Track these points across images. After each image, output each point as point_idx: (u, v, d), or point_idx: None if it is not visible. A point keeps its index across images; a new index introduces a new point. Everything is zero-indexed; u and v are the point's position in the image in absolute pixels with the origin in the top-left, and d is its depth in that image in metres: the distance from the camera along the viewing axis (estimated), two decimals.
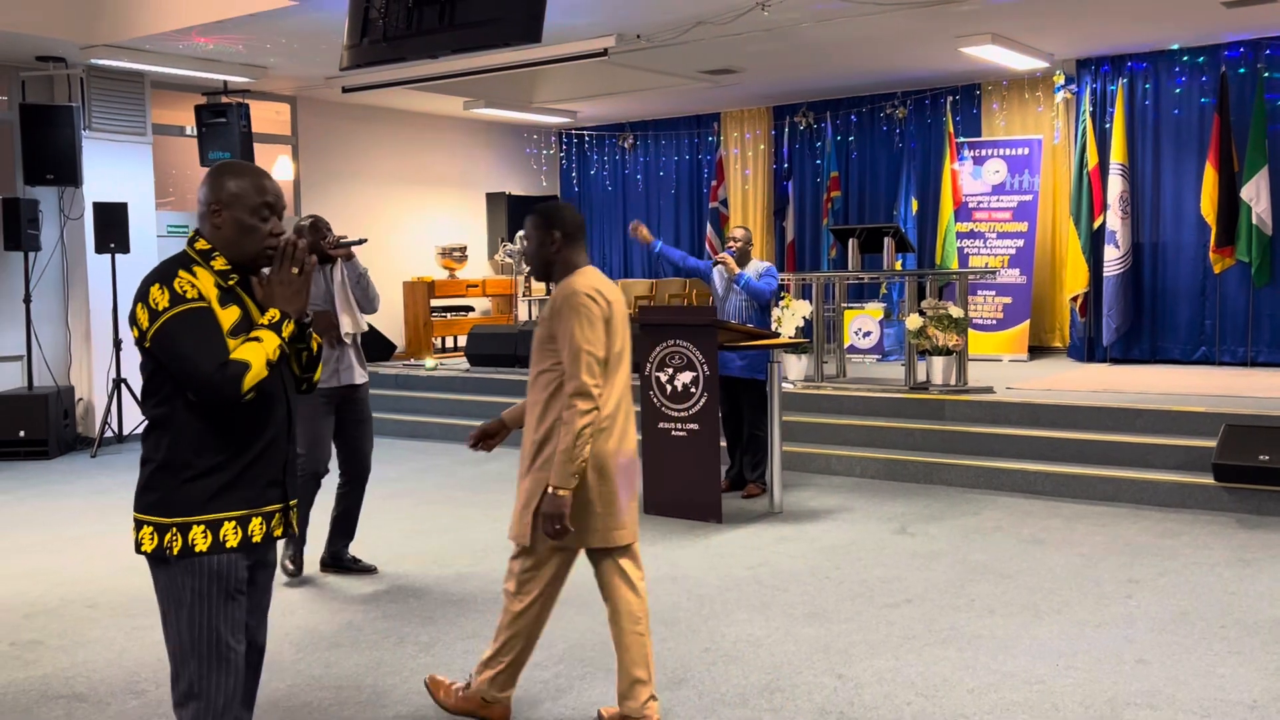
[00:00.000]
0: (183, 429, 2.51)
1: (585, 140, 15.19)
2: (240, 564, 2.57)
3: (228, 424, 2.52)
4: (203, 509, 2.51)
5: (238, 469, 2.54)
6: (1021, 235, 11.43)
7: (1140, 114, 10.82)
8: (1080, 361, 10.91)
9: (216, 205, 2.60)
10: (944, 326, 8.37)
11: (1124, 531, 6.28)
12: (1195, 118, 10.56)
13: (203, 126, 10.85)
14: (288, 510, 2.69)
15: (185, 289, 2.49)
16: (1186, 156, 10.61)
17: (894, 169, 12.53)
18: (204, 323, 2.48)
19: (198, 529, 2.50)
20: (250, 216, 2.59)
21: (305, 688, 4.17)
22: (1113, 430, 7.60)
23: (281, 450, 2.63)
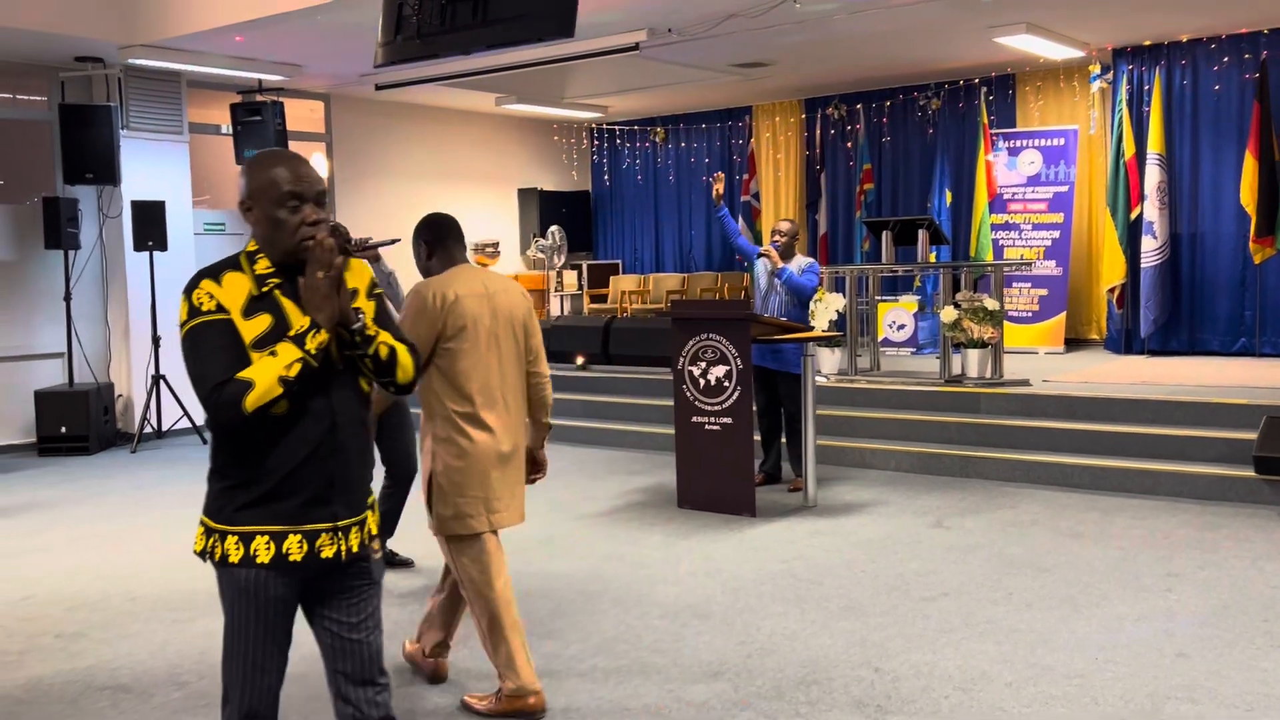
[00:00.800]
0: (223, 438, 2.44)
1: (616, 135, 15.20)
2: (275, 581, 2.44)
3: (256, 438, 2.40)
4: (235, 520, 2.42)
5: (270, 484, 2.41)
6: (1057, 227, 11.33)
7: (1178, 103, 10.69)
8: (1117, 354, 10.81)
9: (248, 202, 2.46)
10: (979, 319, 8.32)
11: (1163, 525, 6.22)
12: (1234, 106, 10.42)
13: (238, 125, 10.95)
14: (340, 531, 2.49)
15: (202, 300, 2.38)
16: (1226, 145, 10.48)
17: (928, 161, 12.45)
18: (211, 339, 2.35)
19: (231, 540, 2.42)
20: (277, 209, 2.42)
21: None
22: (1151, 423, 7.53)
23: (326, 467, 2.44)
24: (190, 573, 5.77)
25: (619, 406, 9.80)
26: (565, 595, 5.22)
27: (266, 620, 2.46)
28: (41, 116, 10.40)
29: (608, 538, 6.28)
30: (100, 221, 10.46)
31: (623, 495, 7.41)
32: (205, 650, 4.56)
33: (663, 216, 15.15)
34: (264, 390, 2.31)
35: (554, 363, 11.06)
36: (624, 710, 3.83)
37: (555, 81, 11.94)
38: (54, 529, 6.90)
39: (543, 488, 7.74)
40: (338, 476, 2.47)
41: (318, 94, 12.33)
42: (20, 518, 7.26)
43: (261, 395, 2.31)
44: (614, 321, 11.03)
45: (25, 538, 6.69)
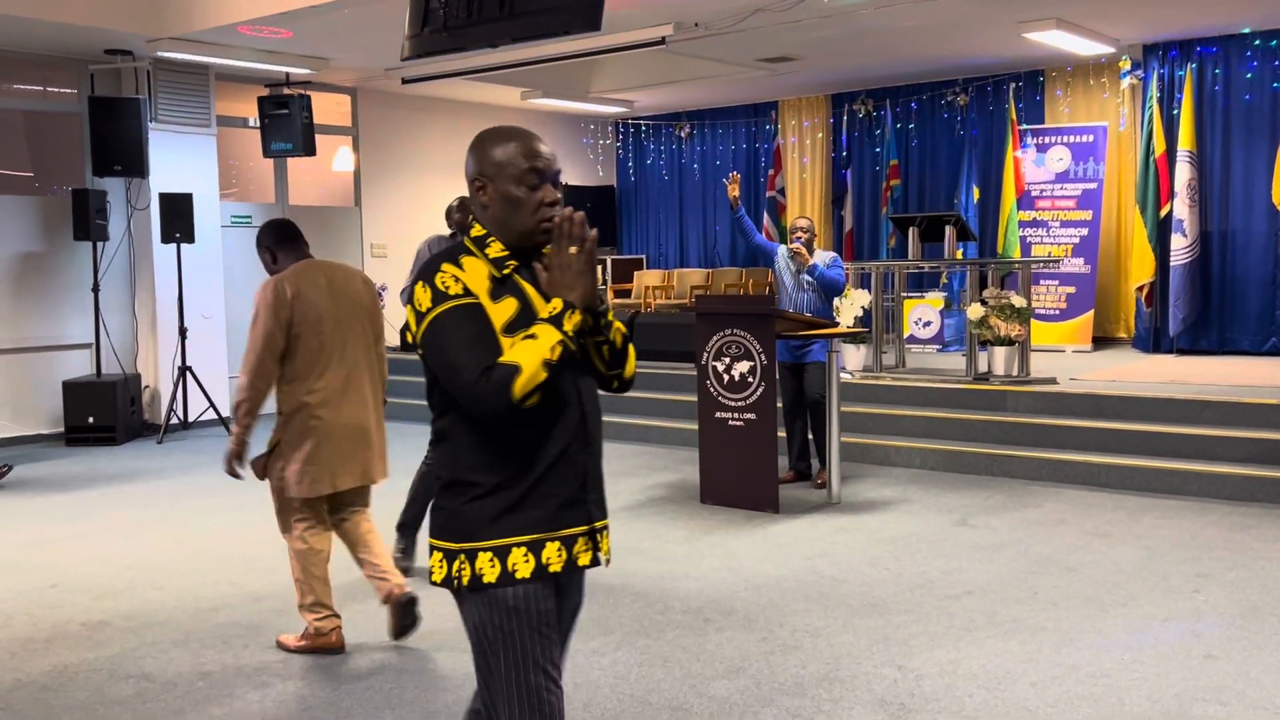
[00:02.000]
0: (462, 443, 2.19)
1: (642, 130, 15.18)
2: (541, 595, 2.20)
3: (508, 436, 2.16)
4: (487, 533, 2.16)
5: (524, 488, 2.17)
6: (1086, 224, 11.24)
7: (1209, 100, 10.58)
8: (1146, 352, 10.72)
9: (481, 180, 2.25)
10: (1006, 316, 8.26)
11: (1191, 525, 6.16)
12: (1267, 103, 10.31)
13: (265, 118, 11.00)
14: (595, 534, 2.28)
15: (448, 284, 2.15)
16: (1257, 143, 10.36)
17: (955, 157, 12.38)
18: (468, 322, 2.12)
19: (484, 556, 2.16)
20: (515, 186, 2.22)
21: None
22: (1179, 422, 7.46)
23: (578, 464, 2.23)
24: (214, 562, 5.81)
25: (642, 402, 9.79)
26: (587, 590, 5.21)
27: (543, 639, 2.20)
28: (71, 109, 10.48)
29: (630, 532, 6.27)
30: (128, 214, 10.54)
31: (645, 490, 7.40)
32: (229, 639, 4.59)
33: (687, 212, 15.12)
34: (530, 374, 2.07)
35: None
36: (645, 704, 3.82)
37: (581, 76, 11.94)
38: (81, 519, 6.96)
39: None
40: (590, 473, 2.26)
41: (345, 88, 12.37)
42: (48, 507, 7.33)
43: (529, 380, 2.07)
44: (638, 316, 11.00)
45: (53, 527, 6.75)
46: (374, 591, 4.81)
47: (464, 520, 2.17)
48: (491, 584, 2.16)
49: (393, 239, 12.99)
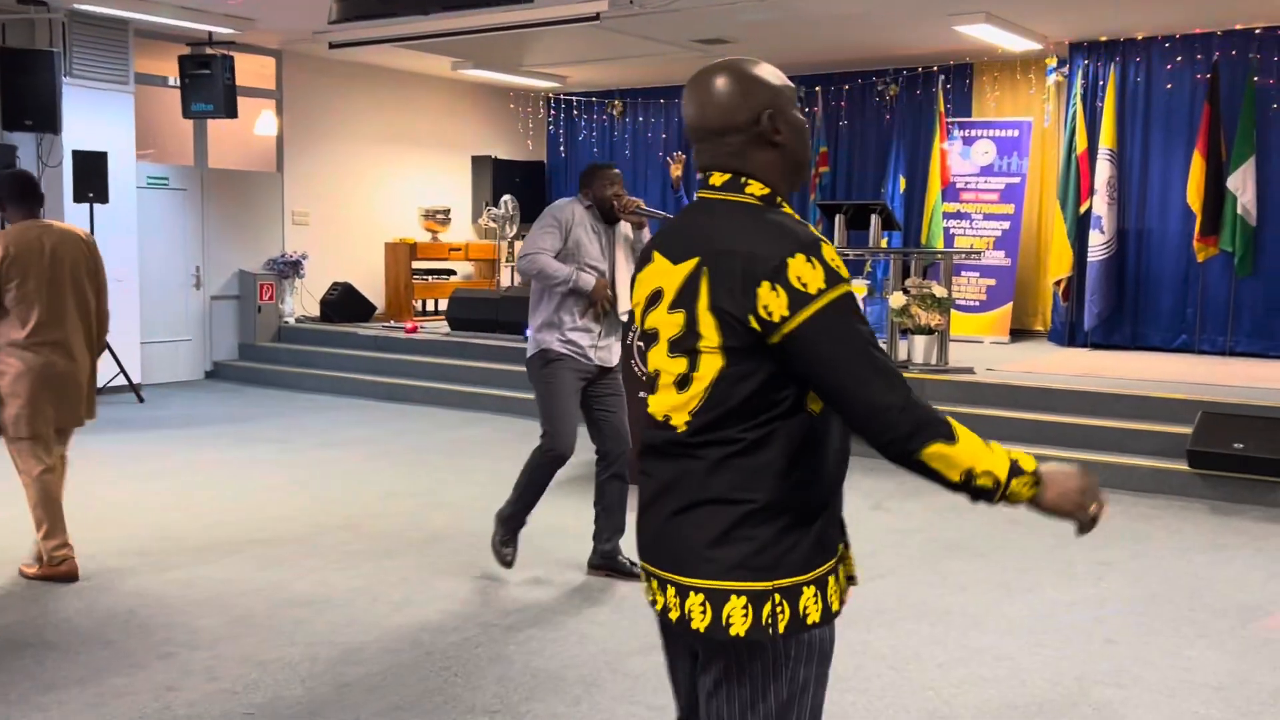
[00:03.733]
0: (779, 459, 1.80)
1: (574, 105, 15.12)
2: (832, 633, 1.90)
3: (825, 448, 1.84)
4: (811, 564, 1.81)
5: (823, 508, 1.85)
6: (1008, 217, 11.47)
7: (1131, 100, 10.84)
8: (1061, 346, 10.98)
9: (769, 112, 1.86)
10: (927, 306, 8.41)
11: None
12: (1186, 106, 10.59)
13: (186, 77, 10.74)
14: (846, 558, 1.95)
15: (836, 261, 1.77)
16: (1176, 144, 10.65)
17: (883, 146, 12.53)
18: (864, 319, 1.78)
19: (808, 593, 1.81)
20: (796, 110, 1.90)
21: (276, 644, 4.18)
22: (1091, 414, 7.67)
23: (843, 478, 1.95)
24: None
25: None
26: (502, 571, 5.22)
27: (826, 683, 1.91)
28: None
29: (553, 510, 6.26)
30: (40, 170, 10.23)
31: (569, 468, 7.38)
32: (135, 609, 4.52)
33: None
34: (951, 458, 1.77)
35: (505, 334, 11.02)
36: (559, 680, 3.85)
37: (513, 48, 11.84)
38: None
39: (488, 459, 7.72)
40: (841, 489, 1.95)
41: (269, 50, 12.13)
42: None
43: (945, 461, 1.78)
44: None
45: None
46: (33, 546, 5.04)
47: (787, 552, 1.79)
48: (815, 624, 1.81)
49: (315, 207, 12.79)
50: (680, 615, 1.83)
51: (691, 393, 1.83)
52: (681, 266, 1.85)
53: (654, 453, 1.89)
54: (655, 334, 1.89)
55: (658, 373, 1.89)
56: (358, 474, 7.19)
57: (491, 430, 8.88)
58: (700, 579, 1.80)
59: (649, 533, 1.90)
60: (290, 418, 9.35)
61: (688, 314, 1.83)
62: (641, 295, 1.94)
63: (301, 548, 5.45)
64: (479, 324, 11.26)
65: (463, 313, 11.43)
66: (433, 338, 11.26)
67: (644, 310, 1.93)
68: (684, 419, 1.84)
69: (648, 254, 1.94)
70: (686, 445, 1.83)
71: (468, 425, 9.08)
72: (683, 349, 1.84)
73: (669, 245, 1.89)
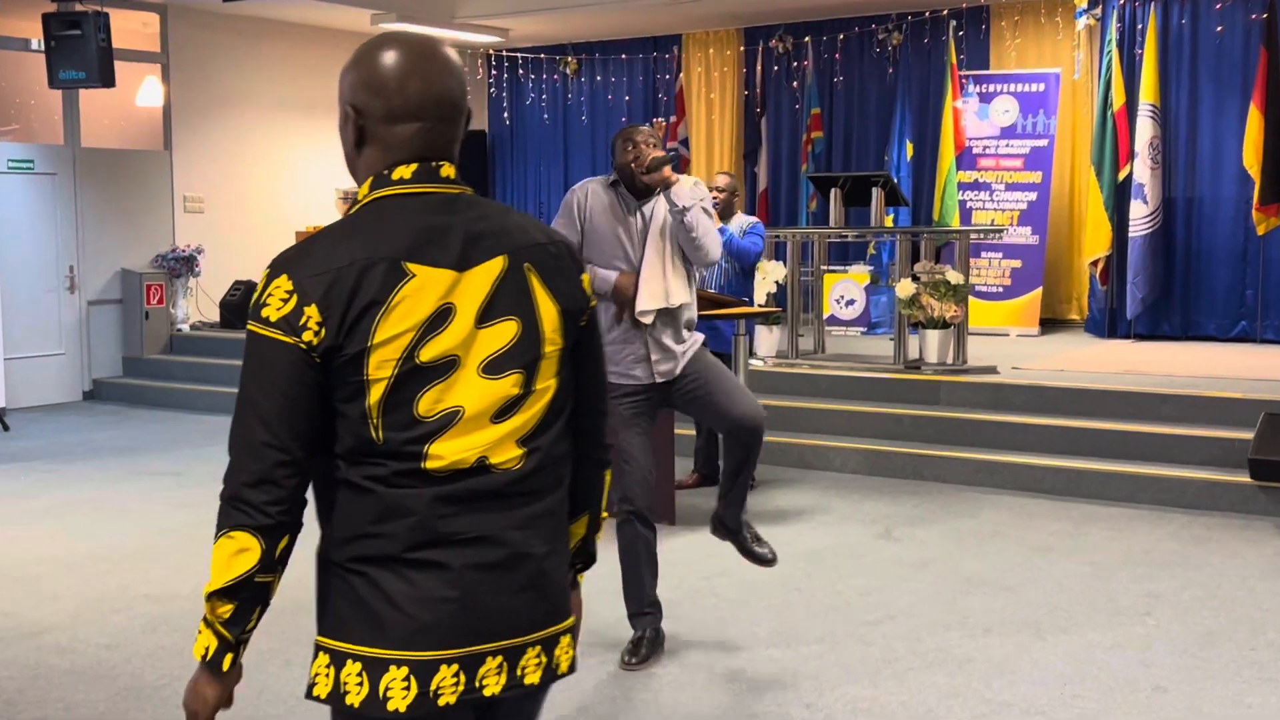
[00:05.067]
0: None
1: (519, 64, 15.11)
2: None
3: None
4: None
5: None
6: (1034, 187, 11.56)
7: (1175, 46, 10.95)
8: (1100, 337, 11.07)
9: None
10: (940, 294, 8.46)
11: (1144, 538, 6.42)
12: (1239, 51, 10.69)
13: (51, 40, 10.64)
14: None
15: None
16: (1228, 97, 10.76)
17: (886, 106, 12.60)
18: None
19: None
20: None
21: None
22: (1134, 419, 7.74)
23: None
24: None
25: None
26: None
27: None
28: None
29: None
30: None
31: None
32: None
33: (575, 164, 15.10)
34: None
35: None
36: None
37: None
38: None
39: None
40: None
41: (152, 4, 12.06)
42: None
43: None
44: None
45: None
46: None
47: None
48: None
49: (211, 191, 12.73)
50: (546, 668, 2.01)
51: (526, 416, 1.96)
52: (477, 272, 1.92)
53: (478, 505, 1.93)
54: (455, 361, 1.90)
55: (457, 410, 1.90)
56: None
57: None
58: (568, 619, 2.05)
59: (506, 598, 1.95)
60: (186, 445, 9.29)
61: (523, 320, 1.95)
62: (413, 320, 1.88)
63: (201, 605, 5.43)
64: None
65: None
66: None
67: (422, 336, 1.88)
68: (515, 453, 1.95)
69: (394, 269, 1.87)
70: (527, 481, 1.97)
71: None
72: (518, 363, 1.94)
73: (432, 254, 1.90)
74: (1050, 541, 6.35)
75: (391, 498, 1.88)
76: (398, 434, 1.87)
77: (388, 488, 1.88)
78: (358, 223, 1.91)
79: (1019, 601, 5.37)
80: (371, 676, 1.88)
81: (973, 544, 6.31)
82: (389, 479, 1.88)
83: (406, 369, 1.87)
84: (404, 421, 1.87)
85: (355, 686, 1.88)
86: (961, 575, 5.77)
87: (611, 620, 5.02)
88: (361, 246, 1.87)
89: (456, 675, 1.90)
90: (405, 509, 1.88)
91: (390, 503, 1.88)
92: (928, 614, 5.21)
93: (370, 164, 1.96)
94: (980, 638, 4.91)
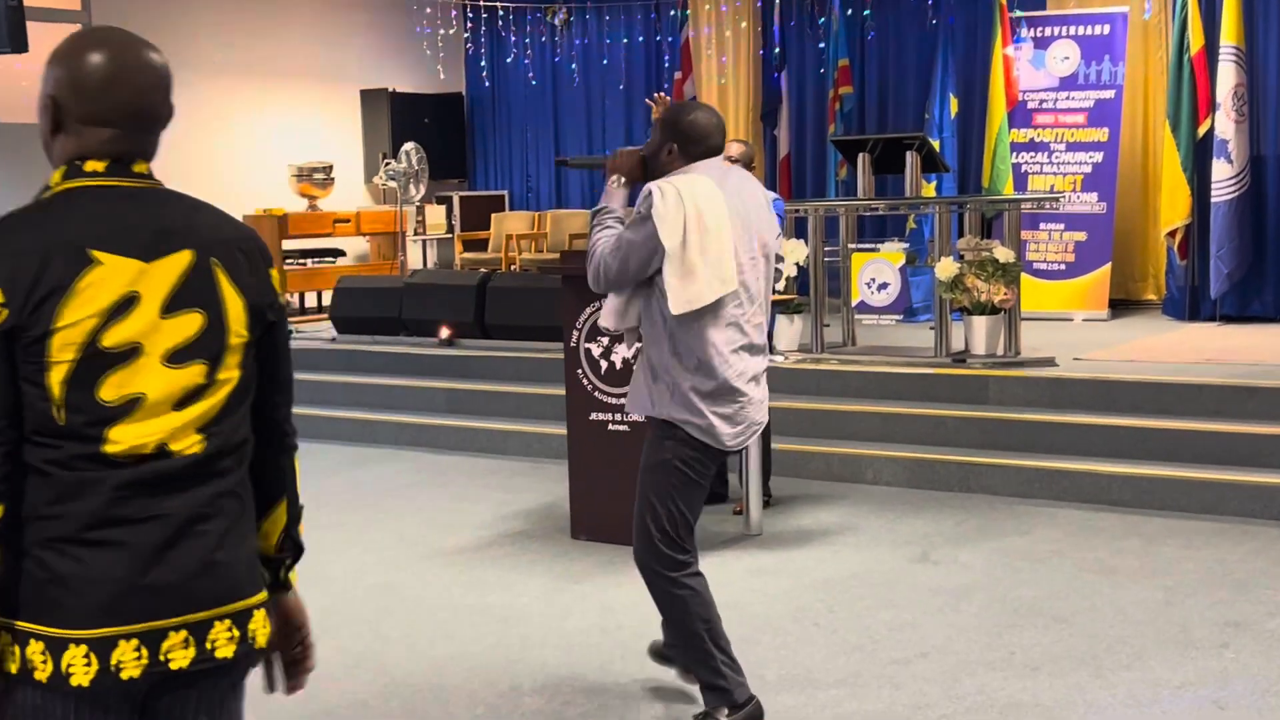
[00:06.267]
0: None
1: (500, 16, 15.12)
2: None
3: None
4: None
5: None
6: (1100, 146, 11.52)
7: None
8: (1179, 320, 11.02)
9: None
10: (988, 275, 8.43)
11: (1226, 555, 6.38)
12: None
13: None
14: None
15: None
16: None
17: (926, 55, 12.56)
18: None
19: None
20: None
21: None
22: (1217, 416, 7.70)
23: None
24: None
25: (497, 398, 9.78)
26: (405, 666, 5.20)
27: None
28: None
29: (471, 584, 6.27)
30: None
31: (497, 522, 7.41)
32: None
33: (565, 130, 15.14)
34: None
35: (411, 335, 11.01)
36: None
37: None
38: None
39: (385, 515, 7.70)
40: None
41: None
42: None
43: None
44: (492, 279, 10.99)
45: None
46: None
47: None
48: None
49: None
50: (242, 642, 2.33)
51: (208, 404, 2.29)
52: (164, 263, 2.24)
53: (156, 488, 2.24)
54: (137, 348, 2.22)
55: (139, 396, 2.21)
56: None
57: (394, 471, 8.87)
58: (258, 594, 2.39)
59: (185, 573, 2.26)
60: None
61: (208, 312, 2.28)
62: (96, 307, 2.17)
63: None
64: (376, 324, 11.24)
65: (353, 309, 11.41)
66: (312, 345, 11.24)
67: (105, 323, 2.18)
68: (195, 439, 2.28)
69: (79, 256, 2.17)
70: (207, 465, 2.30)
71: (361, 465, 9.06)
72: (203, 355, 2.27)
73: (119, 244, 2.21)
74: (1115, 562, 6.31)
75: (69, 480, 2.17)
76: (78, 416, 2.16)
77: (66, 470, 2.17)
78: (48, 209, 2.23)
79: (1075, 634, 5.34)
80: (54, 654, 2.18)
81: (1024, 566, 6.28)
82: (68, 461, 2.18)
83: (89, 354, 2.16)
84: (85, 405, 2.17)
85: (40, 664, 2.18)
86: (1009, 604, 5.73)
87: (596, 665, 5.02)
88: (49, 232, 2.18)
89: (138, 650, 2.20)
90: (82, 491, 2.18)
91: (68, 485, 2.17)
92: (967, 651, 5.18)
93: (64, 153, 2.27)
94: (1027, 678, 4.88)
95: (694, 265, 4.19)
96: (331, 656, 5.31)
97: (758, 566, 6.41)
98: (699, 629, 4.40)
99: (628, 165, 4.55)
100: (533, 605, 5.90)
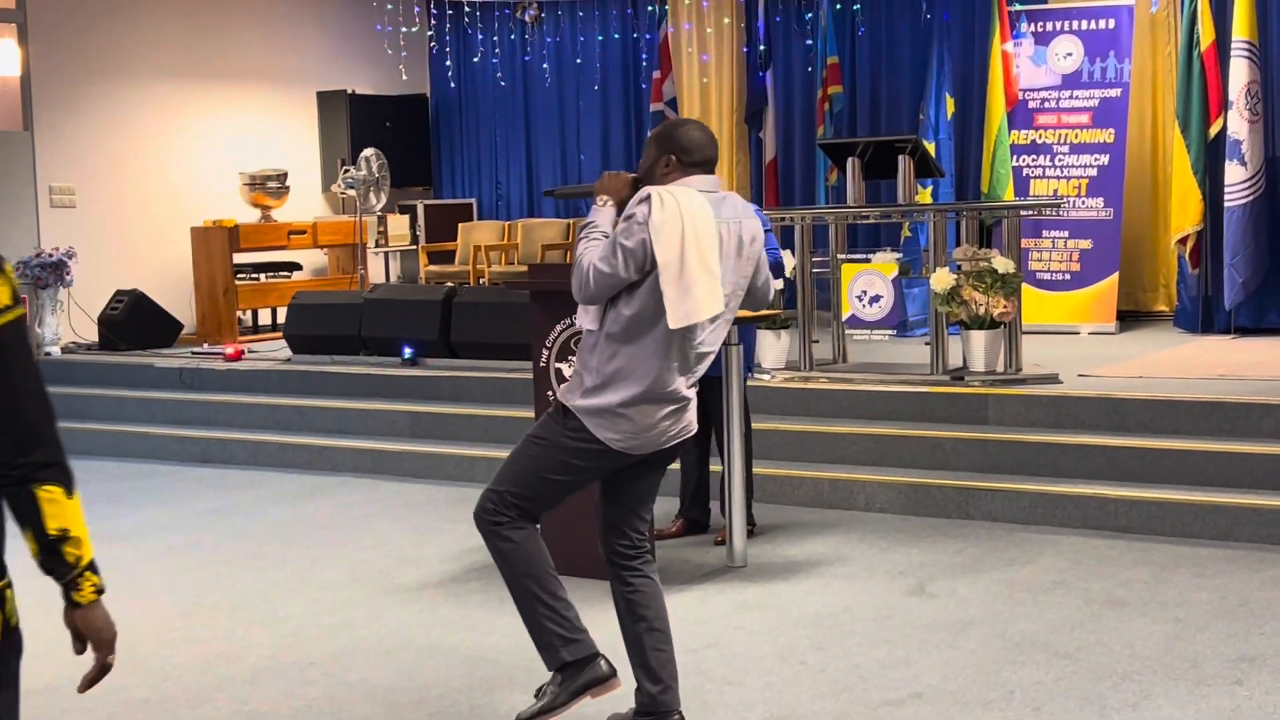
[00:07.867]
0: None
1: (466, 12, 15.12)
2: None
3: None
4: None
5: None
6: (1106, 148, 11.54)
7: None
8: (1192, 333, 11.04)
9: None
10: (986, 286, 8.44)
11: (1240, 585, 6.38)
12: None
13: None
14: None
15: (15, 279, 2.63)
16: None
17: (920, 52, 12.59)
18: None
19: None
20: None
21: None
22: (1231, 436, 7.70)
23: None
24: None
25: (463, 421, 9.76)
26: (361, 711, 5.18)
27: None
28: None
29: (433, 622, 6.24)
30: None
31: (462, 555, 7.37)
32: None
33: (537, 134, 15.14)
34: None
35: (371, 355, 10.98)
36: None
37: None
38: None
39: (341, 548, 7.67)
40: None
41: None
42: None
43: None
44: (458, 294, 10.97)
45: None
46: None
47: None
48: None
49: (85, 180, 12.74)
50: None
51: None
52: None
53: None
54: None
55: None
56: (147, 580, 7.12)
57: (352, 501, 8.84)
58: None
59: None
60: None
61: None
62: None
63: (52, 701, 5.39)
64: (333, 343, 11.21)
65: (310, 327, 11.38)
66: (266, 366, 11.20)
67: None
68: None
69: None
70: None
71: (316, 495, 9.03)
72: None
73: None
74: (1122, 593, 6.31)
75: None
76: None
77: None
78: None
79: (1079, 671, 5.33)
80: None
81: (1025, 598, 6.27)
82: None
83: None
84: None
85: None
86: (1009, 639, 5.73)
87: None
88: None
89: None
90: None
91: None
92: (964, 690, 5.17)
93: None
94: (1028, 718, 4.87)
95: (693, 278, 4.33)
96: (282, 702, 5.29)
97: (741, 601, 6.39)
98: (526, 584, 4.70)
99: (615, 186, 4.65)
100: (500, 645, 5.87)
